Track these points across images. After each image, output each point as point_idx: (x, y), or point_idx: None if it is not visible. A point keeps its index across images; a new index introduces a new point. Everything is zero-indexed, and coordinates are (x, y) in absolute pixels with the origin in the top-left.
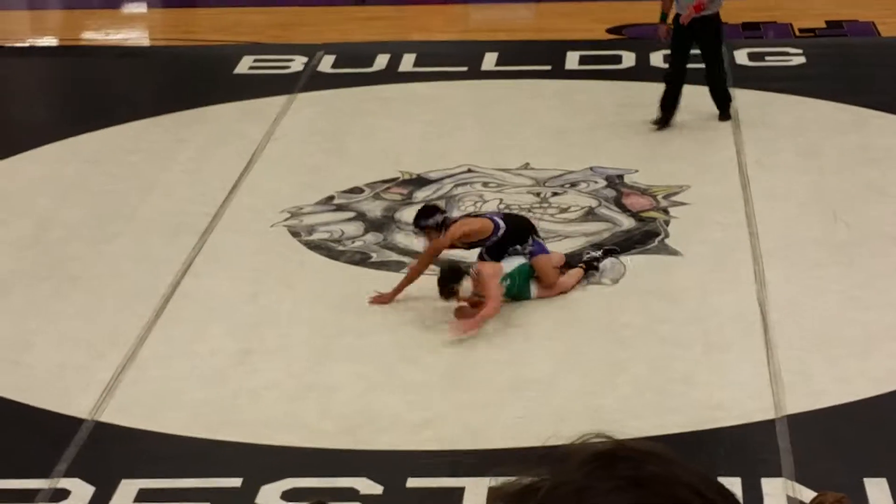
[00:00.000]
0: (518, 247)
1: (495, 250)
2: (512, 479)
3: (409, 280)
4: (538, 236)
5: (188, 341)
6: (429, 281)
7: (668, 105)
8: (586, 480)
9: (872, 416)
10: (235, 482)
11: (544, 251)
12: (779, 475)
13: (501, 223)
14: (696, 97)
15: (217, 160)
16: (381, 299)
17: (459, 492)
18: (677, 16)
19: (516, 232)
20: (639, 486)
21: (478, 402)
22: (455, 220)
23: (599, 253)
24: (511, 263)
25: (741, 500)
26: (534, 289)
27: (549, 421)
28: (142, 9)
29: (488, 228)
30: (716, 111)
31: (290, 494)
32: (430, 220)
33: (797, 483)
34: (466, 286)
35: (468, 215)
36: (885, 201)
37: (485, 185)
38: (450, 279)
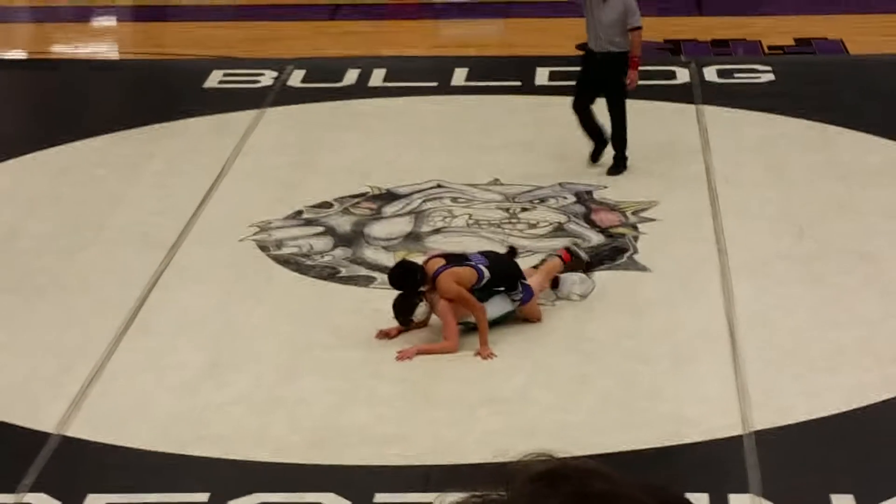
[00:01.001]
0: (507, 293)
1: (477, 293)
2: (457, 498)
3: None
4: (524, 279)
5: (156, 355)
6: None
7: (592, 134)
8: (532, 499)
9: (840, 431)
10: (203, 497)
11: (531, 295)
12: (746, 491)
13: (486, 273)
14: (663, 113)
15: (186, 174)
16: (406, 354)
17: None
18: (586, 46)
19: (501, 279)
20: (585, 502)
21: (447, 418)
22: (437, 272)
23: (585, 256)
24: (496, 308)
25: None
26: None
27: (518, 436)
28: (111, 22)
29: (472, 278)
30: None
31: None
32: (413, 285)
33: (764, 499)
34: (422, 310)
35: (446, 258)
36: (851, 217)
37: (454, 200)
38: (403, 310)
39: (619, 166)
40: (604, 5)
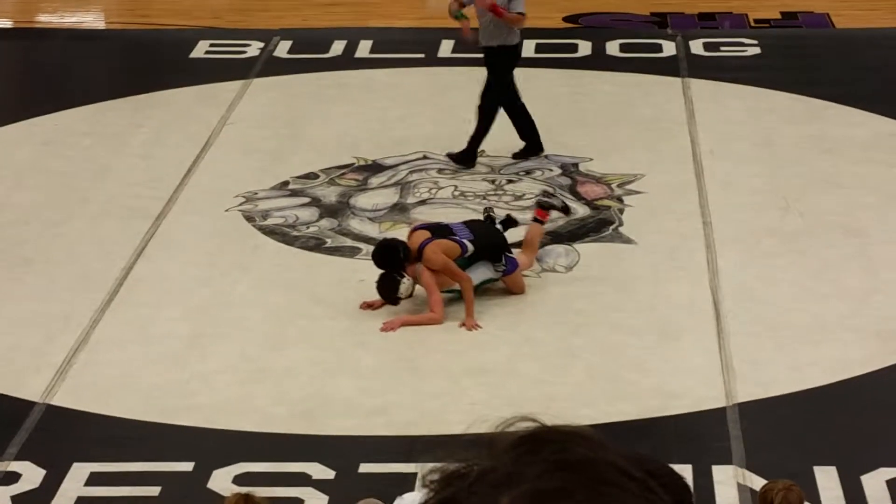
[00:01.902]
0: (491, 264)
1: (460, 262)
2: (438, 465)
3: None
4: (510, 252)
5: (141, 325)
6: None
7: (522, 129)
8: (514, 466)
9: (823, 404)
10: (187, 466)
11: (515, 266)
12: (729, 463)
13: (469, 247)
14: (649, 86)
15: (172, 144)
16: (390, 325)
17: (412, 477)
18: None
19: (485, 251)
20: (566, 469)
21: (432, 389)
22: (422, 244)
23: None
24: (477, 275)
25: (689, 484)
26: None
27: (503, 408)
28: None
29: (456, 251)
30: (664, 103)
31: (242, 479)
32: (398, 262)
33: (747, 470)
34: (406, 285)
35: (430, 229)
36: (837, 192)
37: (440, 171)
38: (387, 289)
39: (467, 158)
40: None
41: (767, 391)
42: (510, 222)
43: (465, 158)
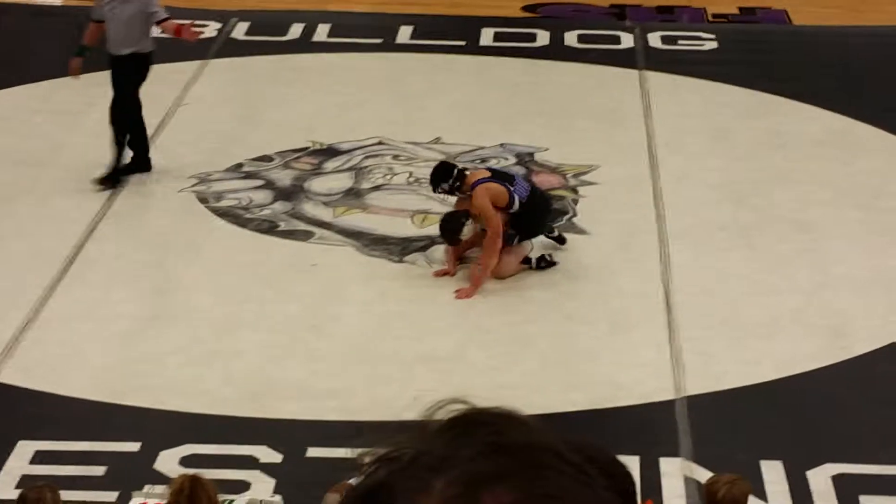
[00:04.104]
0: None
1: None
2: (369, 449)
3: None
4: (543, 233)
5: (92, 305)
6: (339, 252)
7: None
8: (447, 449)
9: (772, 398)
10: (134, 446)
11: (510, 244)
12: (677, 455)
13: (517, 203)
14: (606, 77)
15: None
16: (462, 294)
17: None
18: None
19: (529, 219)
20: (501, 452)
21: (383, 375)
22: (476, 182)
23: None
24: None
25: (634, 474)
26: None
27: (454, 395)
28: None
29: (504, 199)
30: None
31: (189, 460)
32: (445, 183)
33: (694, 463)
34: (470, 227)
35: (492, 172)
36: (790, 187)
37: (395, 157)
38: (450, 229)
39: (113, 178)
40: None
41: (717, 384)
42: (559, 239)
43: (111, 179)
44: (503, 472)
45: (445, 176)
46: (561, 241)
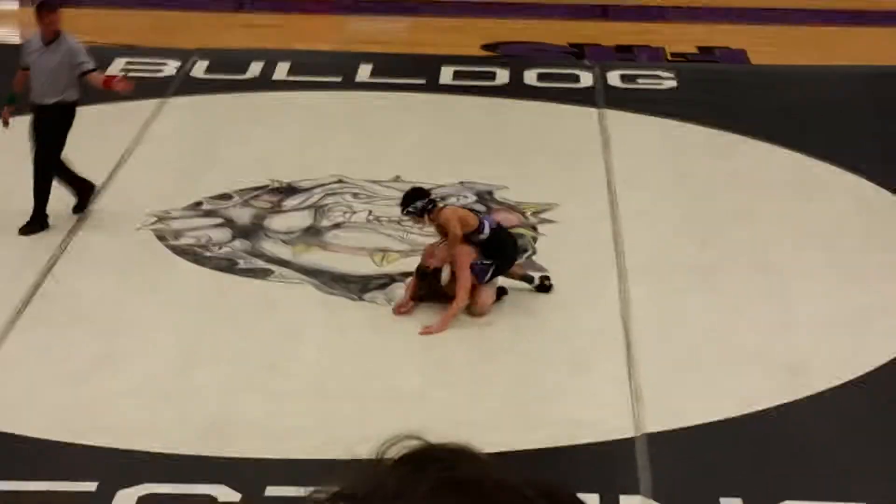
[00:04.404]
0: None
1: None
2: (321, 488)
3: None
4: (507, 272)
5: (48, 343)
6: (298, 290)
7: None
8: (400, 485)
9: (731, 436)
10: (90, 486)
11: (483, 279)
12: (637, 493)
13: (487, 229)
14: (566, 116)
15: (85, 161)
16: (430, 329)
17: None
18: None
19: (495, 250)
20: (455, 489)
21: (342, 414)
22: (445, 206)
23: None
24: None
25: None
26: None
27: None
28: (13, 6)
29: (474, 224)
30: None
31: (146, 500)
32: (414, 204)
33: (654, 501)
34: (447, 272)
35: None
36: (751, 227)
37: (355, 196)
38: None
39: (34, 225)
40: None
41: (677, 422)
42: (540, 286)
43: (34, 225)
44: None
45: (420, 196)
46: (545, 288)
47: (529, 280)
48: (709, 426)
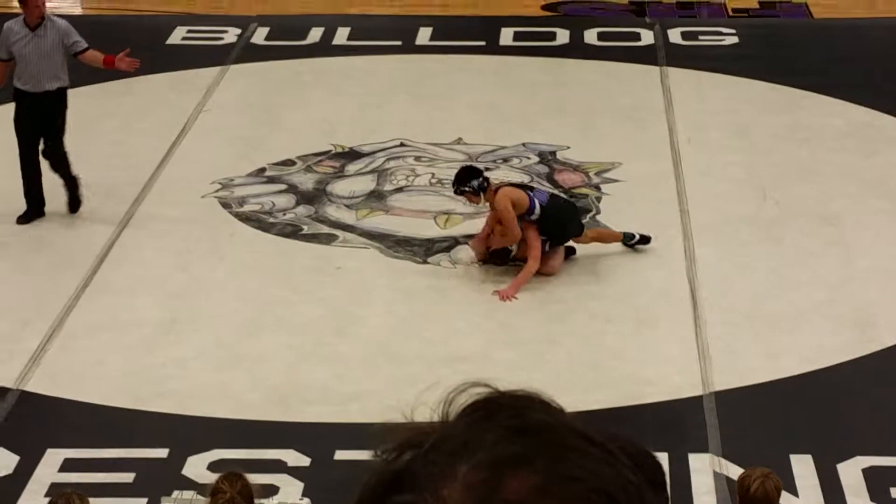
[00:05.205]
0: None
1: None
2: (394, 424)
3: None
4: (569, 241)
5: (116, 311)
6: (363, 254)
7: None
8: (468, 433)
9: (799, 393)
10: (162, 453)
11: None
12: (706, 451)
13: (538, 209)
14: (627, 75)
15: (148, 130)
16: (502, 294)
17: None
18: (21, 92)
19: (551, 224)
20: (524, 434)
21: (408, 377)
22: (499, 186)
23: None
24: None
25: (665, 467)
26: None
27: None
28: None
29: (524, 205)
30: None
31: (217, 465)
32: (470, 183)
33: (724, 458)
34: (514, 246)
35: (513, 184)
36: (813, 180)
37: (417, 159)
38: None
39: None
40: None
41: (744, 380)
42: (644, 240)
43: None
44: (526, 454)
45: (473, 175)
46: (645, 240)
47: (629, 238)
48: (776, 383)
